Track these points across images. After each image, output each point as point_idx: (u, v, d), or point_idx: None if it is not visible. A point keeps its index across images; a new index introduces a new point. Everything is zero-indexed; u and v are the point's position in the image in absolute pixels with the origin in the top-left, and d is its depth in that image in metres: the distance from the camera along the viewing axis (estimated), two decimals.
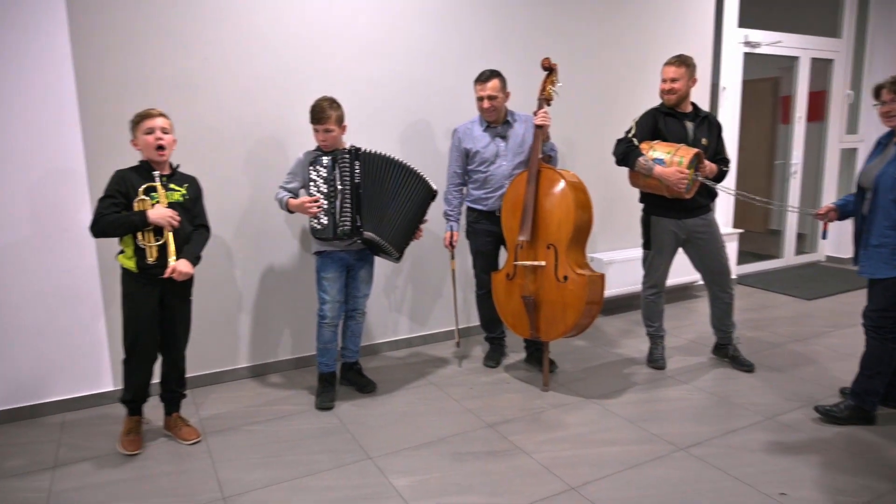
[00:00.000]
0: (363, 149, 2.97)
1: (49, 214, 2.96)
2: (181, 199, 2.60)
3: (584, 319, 3.11)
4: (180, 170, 2.68)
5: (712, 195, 3.39)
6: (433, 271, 3.99)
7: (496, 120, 3.34)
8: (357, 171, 2.91)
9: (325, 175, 2.91)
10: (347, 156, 2.91)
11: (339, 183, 2.89)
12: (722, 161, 3.34)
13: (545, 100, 3.29)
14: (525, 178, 3.20)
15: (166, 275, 2.49)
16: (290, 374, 3.55)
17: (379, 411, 3.05)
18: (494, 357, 3.63)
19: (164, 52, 3.13)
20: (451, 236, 3.44)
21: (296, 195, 3.03)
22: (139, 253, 2.50)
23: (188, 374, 2.88)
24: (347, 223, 2.88)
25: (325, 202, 2.90)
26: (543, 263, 3.13)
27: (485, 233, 3.45)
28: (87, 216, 2.86)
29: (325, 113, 2.90)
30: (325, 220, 2.90)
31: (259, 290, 3.50)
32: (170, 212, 2.50)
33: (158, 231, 2.51)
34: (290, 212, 3.02)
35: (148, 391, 2.73)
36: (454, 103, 3.89)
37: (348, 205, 2.89)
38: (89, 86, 2.99)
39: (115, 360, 3.10)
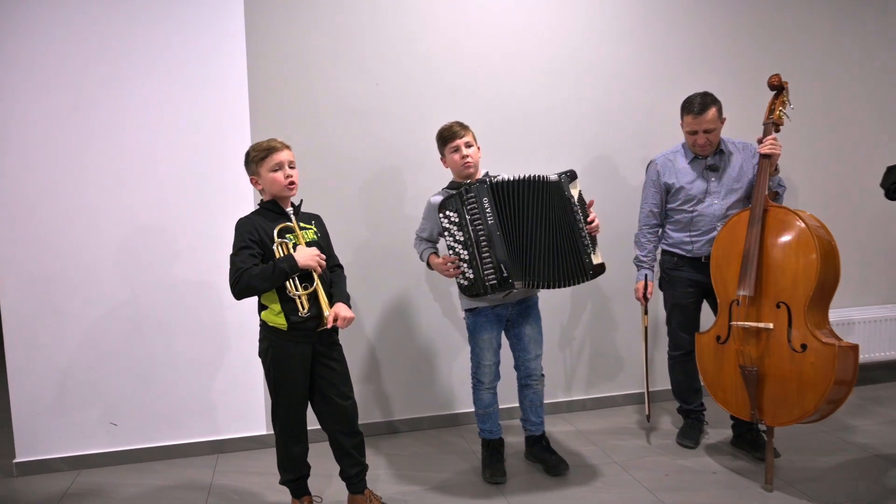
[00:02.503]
0: (490, 177, 2.49)
1: (210, 245, 2.85)
2: (315, 237, 2.29)
3: (828, 404, 2.39)
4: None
5: None
6: (618, 324, 3.43)
7: (705, 154, 2.76)
8: (487, 208, 2.40)
9: (456, 220, 2.45)
10: (472, 194, 2.41)
11: (470, 229, 2.42)
12: None
13: (774, 124, 2.66)
14: (746, 220, 2.57)
15: (329, 324, 2.14)
16: (437, 435, 3.15)
17: (556, 494, 2.54)
18: (692, 435, 2.96)
19: (335, 79, 2.95)
20: (645, 287, 2.87)
21: (435, 244, 2.67)
22: (288, 306, 2.15)
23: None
24: (492, 275, 2.39)
25: (465, 254, 2.43)
26: (771, 326, 2.47)
27: (686, 282, 2.85)
28: None
29: (457, 128, 2.53)
30: (471, 275, 2.44)
31: (398, 336, 3.17)
32: (315, 251, 2.18)
33: (303, 277, 2.16)
34: (430, 267, 2.64)
35: (308, 463, 2.36)
36: (648, 129, 3.35)
37: (487, 253, 2.39)
38: (262, 113, 2.88)
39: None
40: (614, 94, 3.30)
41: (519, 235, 2.42)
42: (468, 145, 2.53)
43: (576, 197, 2.44)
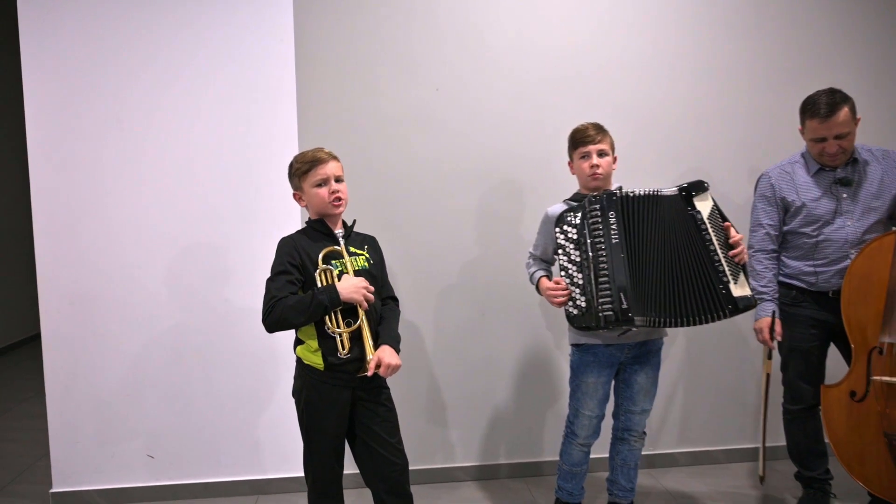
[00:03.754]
0: (621, 190, 2.05)
1: (262, 266, 2.59)
2: (366, 264, 1.97)
3: None
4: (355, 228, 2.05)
5: None
6: (727, 368, 2.92)
7: (835, 165, 2.26)
8: (613, 225, 1.99)
9: (574, 237, 2.07)
10: (597, 207, 2.01)
11: (589, 248, 2.02)
12: None
13: None
14: (890, 246, 2.06)
15: (370, 371, 1.81)
16: (505, 485, 2.76)
17: None
18: None
19: (391, 84, 2.67)
20: (772, 324, 2.33)
21: (549, 264, 2.28)
22: (326, 344, 1.85)
23: None
24: (609, 306, 1.95)
25: (580, 277, 2.04)
26: None
27: (807, 321, 2.33)
28: None
29: (592, 131, 2.14)
30: (583, 303, 2.03)
31: (471, 372, 2.80)
32: (362, 282, 1.86)
33: (348, 312, 1.85)
34: (540, 293, 2.24)
35: None
36: (753, 136, 2.85)
37: (606, 279, 1.96)
38: (311, 121, 2.64)
39: None
40: (711, 95, 2.83)
41: (644, 261, 2.00)
42: (601, 153, 2.14)
43: (706, 213, 2.00)
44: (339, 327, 1.83)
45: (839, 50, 2.87)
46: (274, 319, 1.79)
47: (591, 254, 2.00)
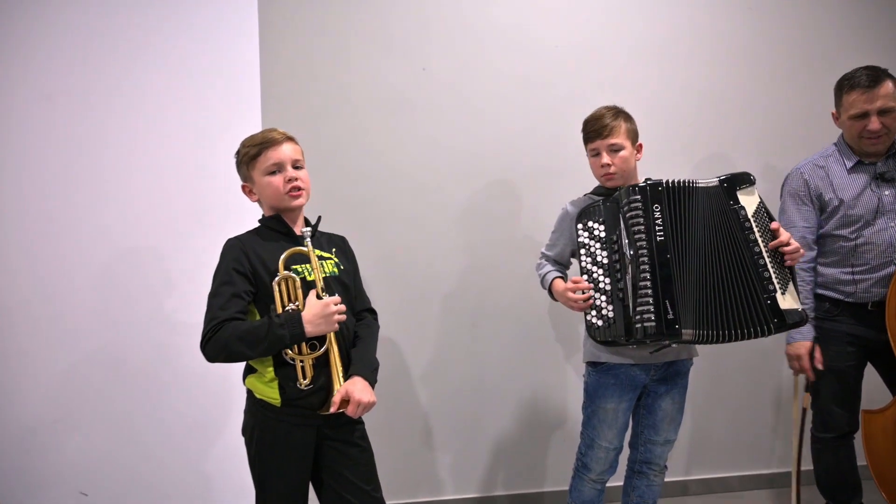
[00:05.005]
0: (663, 181, 1.73)
1: (207, 276, 2.24)
2: (335, 270, 1.62)
3: None
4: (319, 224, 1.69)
5: None
6: (742, 385, 2.63)
7: (877, 151, 1.98)
8: (658, 219, 1.68)
9: (602, 235, 1.76)
10: (638, 198, 1.70)
11: (627, 247, 1.71)
12: None
13: None
14: None
15: (333, 409, 1.46)
16: None
17: None
18: None
19: (370, 62, 2.33)
20: (812, 350, 2.04)
21: (565, 268, 1.95)
22: (283, 372, 1.49)
23: None
24: (651, 316, 1.63)
25: (607, 282, 1.74)
26: None
27: (844, 337, 2.05)
28: None
29: (603, 121, 1.82)
30: (609, 311, 1.73)
31: (461, 393, 2.47)
32: (332, 304, 1.49)
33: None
34: (554, 298, 1.91)
35: None
36: (774, 130, 2.57)
37: (648, 283, 1.64)
38: (275, 100, 2.28)
39: None
40: (730, 85, 2.54)
41: (688, 263, 1.69)
42: (614, 149, 1.82)
43: (751, 210, 1.71)
44: (300, 352, 1.47)
45: (870, 35, 2.60)
46: (216, 348, 1.44)
47: (629, 253, 1.69)
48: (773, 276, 1.66)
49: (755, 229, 1.68)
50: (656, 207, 1.69)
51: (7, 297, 2.19)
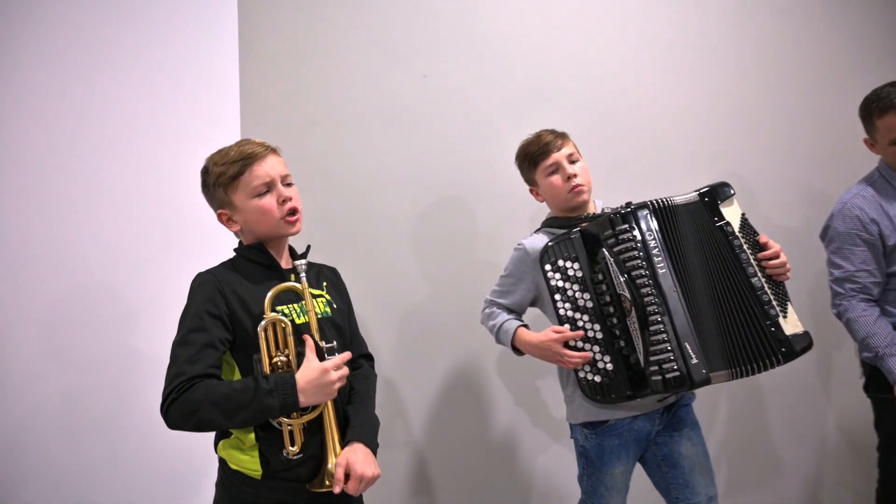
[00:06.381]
0: (648, 203, 1.52)
1: (175, 313, 1.98)
2: (328, 310, 1.37)
3: None
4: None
5: None
6: (772, 423, 2.38)
7: None
8: (654, 249, 1.47)
9: (579, 275, 1.53)
10: (626, 227, 1.48)
11: (623, 286, 1.46)
12: None
13: None
14: None
15: (336, 488, 1.19)
16: None
17: None
18: None
19: (365, 70, 2.11)
20: None
21: (520, 317, 1.70)
22: (267, 437, 1.24)
23: None
24: (673, 365, 1.41)
25: (597, 329, 1.51)
26: None
27: None
28: None
29: (547, 138, 1.65)
30: (606, 364, 1.50)
31: (465, 442, 2.22)
32: (334, 371, 1.21)
33: None
34: (519, 352, 1.65)
35: None
36: (806, 144, 2.37)
37: (661, 326, 1.43)
38: (255, 111, 2.07)
39: None
40: (748, 95, 2.35)
41: (694, 295, 1.48)
42: (572, 159, 1.63)
43: (736, 225, 1.52)
44: (288, 416, 1.21)
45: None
46: (182, 413, 1.16)
47: (626, 293, 1.46)
48: (772, 298, 1.47)
49: (745, 247, 1.50)
50: (649, 234, 1.48)
51: None
